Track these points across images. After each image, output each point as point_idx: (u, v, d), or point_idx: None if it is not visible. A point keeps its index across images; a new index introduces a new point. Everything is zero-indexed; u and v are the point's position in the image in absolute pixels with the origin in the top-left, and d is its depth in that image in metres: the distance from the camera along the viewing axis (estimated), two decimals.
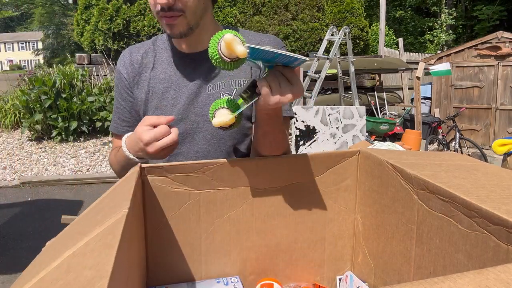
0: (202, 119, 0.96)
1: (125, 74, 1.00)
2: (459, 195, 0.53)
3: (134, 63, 0.99)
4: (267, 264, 0.82)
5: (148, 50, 1.00)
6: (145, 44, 1.02)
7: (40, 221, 3.69)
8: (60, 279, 0.36)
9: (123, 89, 1.01)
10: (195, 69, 0.96)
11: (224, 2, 7.97)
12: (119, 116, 1.03)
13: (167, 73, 0.97)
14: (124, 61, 1.01)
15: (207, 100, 0.96)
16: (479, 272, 0.31)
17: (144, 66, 0.99)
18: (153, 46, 1.01)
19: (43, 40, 22.79)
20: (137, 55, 1.00)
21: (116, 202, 0.55)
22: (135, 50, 1.01)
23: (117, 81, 1.03)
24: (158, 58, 0.99)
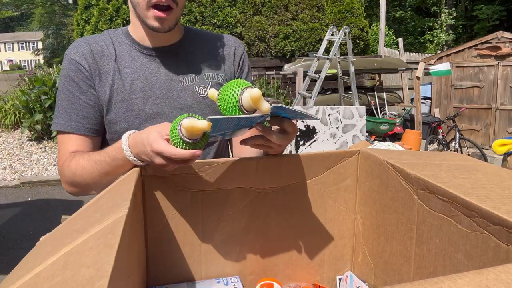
0: (179, 112, 0.94)
1: (85, 64, 0.90)
2: (459, 195, 0.53)
3: (94, 54, 0.91)
4: (267, 264, 0.82)
5: (106, 42, 0.94)
6: (101, 36, 0.95)
7: (40, 221, 3.69)
8: (57, 276, 0.36)
9: (82, 81, 0.90)
10: (162, 63, 0.95)
11: (224, 2, 7.97)
12: (78, 113, 0.90)
13: (132, 67, 0.93)
14: (82, 51, 0.90)
15: (182, 94, 0.95)
16: (479, 272, 0.31)
17: (106, 57, 0.92)
18: (111, 39, 0.95)
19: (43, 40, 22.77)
20: (97, 46, 0.92)
21: (115, 202, 0.54)
22: (93, 40, 0.93)
23: (71, 73, 0.90)
24: (119, 51, 0.94)
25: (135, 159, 0.72)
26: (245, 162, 0.77)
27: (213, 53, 1.02)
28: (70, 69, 0.90)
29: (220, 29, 7.85)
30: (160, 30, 0.87)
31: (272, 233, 0.81)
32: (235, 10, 8.04)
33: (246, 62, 1.08)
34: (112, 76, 0.92)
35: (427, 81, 8.22)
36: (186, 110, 0.95)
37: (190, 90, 0.96)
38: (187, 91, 0.96)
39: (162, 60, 0.95)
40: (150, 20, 0.86)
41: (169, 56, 0.96)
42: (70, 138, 0.91)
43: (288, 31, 8.29)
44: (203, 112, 0.96)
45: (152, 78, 0.93)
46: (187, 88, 0.96)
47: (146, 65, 0.94)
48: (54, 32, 19.46)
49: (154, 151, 0.64)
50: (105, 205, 0.56)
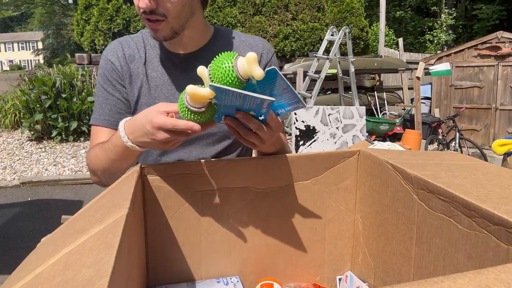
0: None
1: (118, 66, 0.95)
2: (459, 195, 0.53)
3: (126, 57, 0.95)
4: (267, 264, 0.82)
5: (138, 45, 0.97)
6: (135, 38, 0.98)
7: (40, 221, 3.69)
8: (58, 276, 0.36)
9: (116, 80, 0.95)
10: (185, 70, 0.94)
11: (224, 2, 7.97)
12: (111, 108, 0.95)
13: (158, 71, 0.95)
14: (116, 54, 0.95)
15: None
16: (479, 272, 0.31)
17: (137, 61, 0.95)
18: (143, 42, 0.97)
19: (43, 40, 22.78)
20: (129, 49, 0.96)
21: (115, 202, 0.54)
22: (126, 44, 0.97)
23: (106, 72, 0.95)
24: (149, 55, 0.96)
25: (132, 144, 0.72)
26: (245, 162, 0.77)
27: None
28: (105, 69, 0.95)
29: None
30: (156, 39, 0.88)
31: (272, 233, 0.81)
32: (235, 10, 8.04)
33: (274, 62, 1.03)
34: (141, 79, 0.94)
35: (427, 81, 8.22)
36: None
37: None
38: None
39: (187, 66, 0.94)
40: (149, 29, 0.87)
41: (194, 62, 0.93)
42: (102, 131, 0.95)
43: (288, 31, 8.29)
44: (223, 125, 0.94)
45: (176, 85, 0.94)
46: None
47: (171, 70, 0.95)
48: (54, 32, 19.45)
49: (156, 126, 0.65)
50: (106, 205, 0.56)
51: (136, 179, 0.65)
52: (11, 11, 45.23)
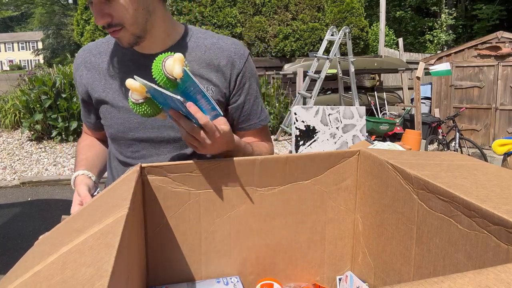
0: (162, 122, 0.94)
1: (77, 76, 1.01)
2: (459, 195, 0.53)
3: (86, 64, 0.99)
4: (267, 264, 0.82)
5: (101, 49, 0.99)
6: (99, 42, 1.01)
7: (40, 221, 3.69)
8: (56, 275, 0.36)
9: (78, 88, 1.03)
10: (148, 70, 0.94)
11: (224, 2, 7.97)
12: (84, 114, 1.09)
13: (123, 72, 0.94)
14: (77, 62, 1.02)
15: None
16: (479, 272, 0.31)
17: (98, 66, 0.98)
18: (107, 44, 0.99)
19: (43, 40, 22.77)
20: (90, 56, 0.99)
21: (115, 201, 0.54)
22: (87, 50, 1.01)
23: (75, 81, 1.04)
24: (113, 56, 0.97)
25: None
26: (245, 162, 0.77)
27: (208, 63, 0.95)
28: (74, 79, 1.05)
29: (220, 29, 7.85)
30: (124, 46, 0.89)
31: (272, 233, 0.81)
32: (235, 10, 8.04)
33: (248, 75, 0.98)
34: (104, 84, 0.97)
35: (427, 81, 8.22)
36: (169, 120, 0.91)
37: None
38: None
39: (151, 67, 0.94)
40: None
41: None
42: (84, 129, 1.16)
43: (288, 31, 8.29)
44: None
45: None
46: None
47: (136, 72, 0.91)
48: (54, 32, 19.45)
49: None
50: (105, 205, 0.56)
51: (136, 179, 0.65)
52: (11, 11, 45.23)
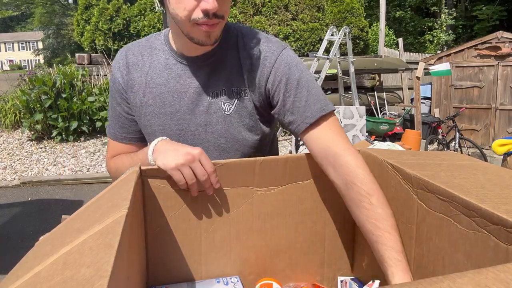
0: (203, 129, 0.90)
1: (119, 77, 0.93)
2: (459, 194, 0.53)
3: (129, 66, 0.93)
4: (267, 264, 0.82)
5: (143, 52, 0.93)
6: (141, 44, 0.95)
7: (40, 221, 3.69)
8: (56, 275, 0.36)
9: (118, 93, 0.95)
10: (194, 74, 0.89)
11: None
12: (116, 122, 0.97)
13: (164, 77, 0.90)
14: (119, 63, 0.94)
15: (209, 109, 0.89)
16: (478, 271, 0.31)
17: (140, 68, 0.92)
18: (149, 47, 0.93)
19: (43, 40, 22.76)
20: (133, 57, 0.93)
21: (115, 201, 0.54)
22: (130, 51, 0.94)
23: (112, 85, 0.96)
24: (154, 60, 0.92)
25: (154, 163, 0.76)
26: (245, 162, 0.77)
27: (243, 64, 0.88)
28: (111, 81, 0.97)
29: None
30: (207, 43, 0.81)
31: (272, 233, 0.81)
32: (235, 10, 8.04)
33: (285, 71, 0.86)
34: (144, 87, 0.91)
35: (427, 81, 8.22)
36: (210, 128, 0.90)
37: (217, 106, 0.89)
38: (213, 107, 0.89)
39: (195, 70, 0.89)
40: (196, 34, 0.80)
41: (203, 65, 0.89)
42: (112, 143, 1.01)
43: (288, 31, 8.29)
44: (226, 131, 0.90)
45: (182, 91, 0.89)
46: (214, 104, 0.89)
47: (179, 75, 0.90)
48: (54, 32, 19.43)
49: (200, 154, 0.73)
50: (105, 205, 0.56)
51: (136, 179, 0.65)
52: (11, 11, 45.24)
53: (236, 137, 0.91)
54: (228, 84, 0.88)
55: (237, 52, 0.89)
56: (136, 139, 0.99)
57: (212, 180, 0.73)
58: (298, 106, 0.84)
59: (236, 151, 0.92)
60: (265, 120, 0.93)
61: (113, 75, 0.96)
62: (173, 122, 0.90)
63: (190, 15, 0.76)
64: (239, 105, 0.89)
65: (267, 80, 0.87)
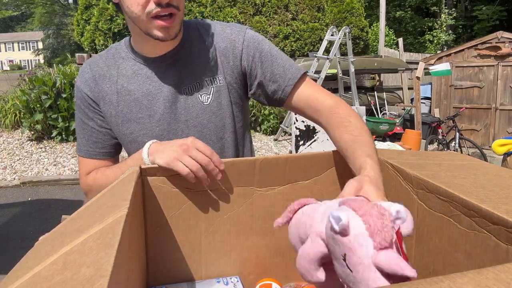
0: (185, 125, 0.91)
1: (87, 92, 0.92)
2: (459, 194, 0.53)
3: (96, 78, 0.92)
4: (267, 264, 0.82)
5: (108, 62, 0.93)
6: (103, 56, 0.95)
7: (40, 221, 3.69)
8: (56, 275, 0.36)
9: (88, 108, 0.93)
10: (165, 74, 0.90)
11: (224, 2, 7.97)
12: (88, 138, 0.94)
13: (135, 83, 0.90)
14: (84, 78, 0.93)
15: (186, 105, 0.90)
16: (478, 271, 0.31)
17: (108, 79, 0.92)
18: (112, 57, 0.94)
19: (43, 40, 22.77)
20: (98, 69, 0.93)
21: (115, 201, 0.54)
22: (94, 64, 0.94)
23: (79, 101, 0.94)
24: (121, 69, 0.92)
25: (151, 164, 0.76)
26: (245, 162, 0.77)
27: (211, 52, 0.92)
28: (77, 97, 0.95)
29: None
30: (167, 39, 0.82)
31: (272, 233, 0.81)
32: (235, 10, 8.04)
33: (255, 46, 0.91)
34: (116, 97, 0.91)
35: (427, 81, 8.23)
36: (192, 122, 0.91)
37: (194, 100, 0.91)
38: (191, 102, 0.91)
39: (165, 70, 0.90)
40: (154, 30, 0.81)
41: (171, 63, 0.91)
42: (85, 161, 0.97)
43: (288, 31, 8.29)
44: (209, 121, 0.92)
45: (156, 93, 0.90)
46: (191, 98, 0.91)
47: (150, 78, 0.90)
48: (54, 32, 19.45)
49: (194, 142, 0.73)
50: (105, 205, 0.56)
51: (136, 179, 0.65)
52: (11, 11, 45.26)
53: (218, 125, 0.93)
54: (200, 76, 0.91)
55: (203, 44, 0.92)
56: (111, 154, 0.98)
57: (214, 161, 0.72)
58: (278, 73, 0.90)
59: (220, 139, 0.95)
60: (240, 104, 0.97)
61: (79, 91, 0.93)
62: (153, 124, 0.91)
63: (145, 8, 0.78)
64: (216, 93, 0.92)
65: (241, 59, 0.92)
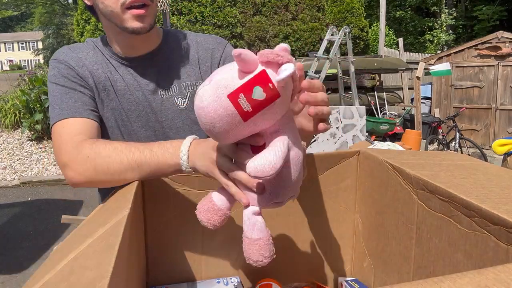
0: (161, 126, 0.93)
1: (75, 66, 0.86)
2: (459, 195, 0.53)
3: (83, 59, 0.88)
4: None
5: (90, 52, 0.91)
6: (84, 45, 0.92)
7: (40, 221, 3.69)
8: (64, 281, 0.37)
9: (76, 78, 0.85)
10: (141, 74, 0.91)
11: (224, 2, 7.97)
12: (76, 100, 0.83)
13: (118, 75, 0.90)
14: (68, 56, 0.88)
15: (162, 106, 0.92)
16: (478, 272, 0.31)
17: (95, 62, 0.90)
18: (93, 49, 0.91)
19: (43, 40, 22.77)
20: (83, 53, 0.89)
21: (118, 203, 0.55)
22: (77, 49, 0.90)
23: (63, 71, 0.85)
24: (102, 60, 0.91)
25: (191, 170, 0.65)
26: None
27: (191, 59, 0.96)
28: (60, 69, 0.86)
29: (220, 29, 7.85)
30: (142, 29, 0.82)
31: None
32: (235, 10, 8.04)
33: (230, 58, 0.95)
34: (104, 81, 0.89)
35: (427, 81, 8.22)
36: (167, 123, 0.93)
37: (170, 102, 0.93)
38: (167, 104, 0.92)
39: (142, 70, 0.92)
40: (129, 22, 0.82)
41: (149, 65, 0.92)
42: (70, 123, 0.79)
43: (288, 31, 8.29)
44: (184, 124, 0.94)
45: (135, 90, 0.91)
46: (167, 100, 0.93)
47: (128, 74, 0.91)
48: (54, 32, 19.46)
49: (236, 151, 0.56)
50: (109, 208, 0.57)
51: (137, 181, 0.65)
52: (11, 11, 45.25)
53: (194, 128, 0.95)
54: (178, 80, 0.94)
55: (183, 51, 0.96)
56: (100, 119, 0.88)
57: None
58: None
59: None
60: None
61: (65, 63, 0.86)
62: (132, 119, 0.92)
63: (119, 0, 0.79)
64: (192, 97, 0.94)
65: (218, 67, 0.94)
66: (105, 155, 0.71)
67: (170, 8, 7.52)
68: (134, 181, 0.69)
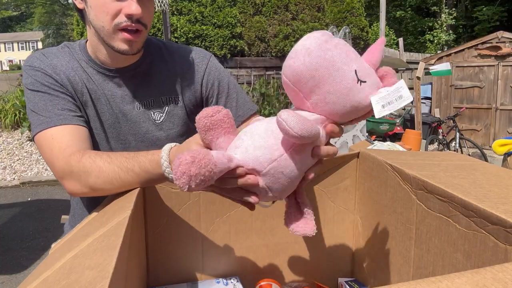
0: (133, 138, 0.91)
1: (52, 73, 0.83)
2: (458, 195, 0.53)
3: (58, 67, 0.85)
4: (267, 264, 0.82)
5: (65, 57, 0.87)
6: (60, 50, 0.89)
7: (40, 221, 3.69)
8: (63, 279, 0.37)
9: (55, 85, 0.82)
10: (119, 84, 0.89)
11: (224, 2, 7.97)
12: (62, 107, 0.80)
13: (95, 83, 0.88)
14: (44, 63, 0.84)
15: (137, 119, 0.90)
16: (476, 271, 0.31)
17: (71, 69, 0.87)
18: (69, 54, 0.88)
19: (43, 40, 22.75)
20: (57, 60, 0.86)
21: (120, 204, 0.55)
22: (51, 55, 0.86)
23: (39, 79, 0.81)
24: (78, 67, 0.88)
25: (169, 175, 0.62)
26: None
27: (172, 72, 0.93)
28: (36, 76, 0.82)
29: (220, 29, 7.85)
30: (129, 52, 0.82)
31: (271, 233, 0.81)
32: (235, 10, 8.04)
33: (216, 75, 0.95)
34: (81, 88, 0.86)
35: (427, 81, 8.22)
36: (140, 137, 0.91)
37: (146, 116, 0.90)
38: (142, 117, 0.90)
39: (120, 81, 0.89)
40: (117, 42, 0.81)
41: (128, 77, 0.89)
42: (59, 133, 0.76)
43: (288, 31, 8.29)
44: (158, 139, 0.92)
45: (111, 100, 0.88)
46: (143, 113, 0.90)
47: (106, 83, 0.88)
48: (54, 32, 19.46)
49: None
50: (112, 209, 0.57)
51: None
52: (11, 11, 45.24)
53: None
54: (156, 94, 0.91)
55: (164, 64, 0.93)
56: (87, 124, 0.85)
57: None
58: (230, 107, 0.94)
59: None
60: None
61: (41, 70, 0.82)
62: (105, 128, 0.89)
63: (113, 19, 0.78)
64: (169, 112, 0.93)
65: (201, 83, 0.94)
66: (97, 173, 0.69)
67: (170, 8, 7.52)
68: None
